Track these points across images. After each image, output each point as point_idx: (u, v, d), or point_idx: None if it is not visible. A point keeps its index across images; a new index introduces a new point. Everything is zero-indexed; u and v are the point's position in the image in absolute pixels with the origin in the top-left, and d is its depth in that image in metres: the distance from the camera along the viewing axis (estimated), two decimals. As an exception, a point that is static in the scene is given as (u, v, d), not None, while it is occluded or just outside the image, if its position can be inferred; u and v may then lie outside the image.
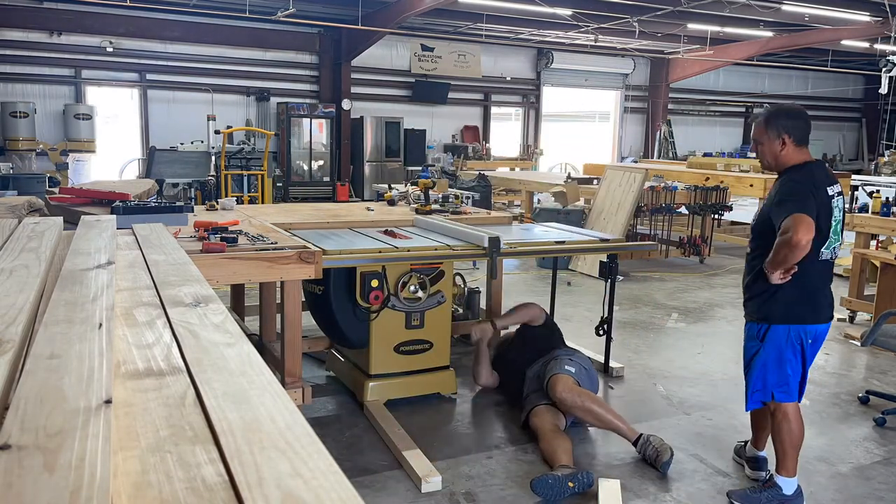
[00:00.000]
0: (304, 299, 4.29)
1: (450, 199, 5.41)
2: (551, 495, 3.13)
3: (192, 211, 4.17)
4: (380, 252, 3.85)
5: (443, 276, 4.18)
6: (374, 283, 3.90)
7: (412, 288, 4.04)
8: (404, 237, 4.27)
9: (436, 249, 4.03)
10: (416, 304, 4.09)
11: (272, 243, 3.40)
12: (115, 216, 2.86)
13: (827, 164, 3.36)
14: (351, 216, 4.93)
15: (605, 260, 4.77)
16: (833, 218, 3.07)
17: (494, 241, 4.00)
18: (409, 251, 3.93)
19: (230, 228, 3.61)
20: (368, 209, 5.37)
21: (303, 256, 3.31)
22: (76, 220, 2.66)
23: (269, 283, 4.51)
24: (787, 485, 3.18)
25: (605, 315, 4.80)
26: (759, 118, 3.18)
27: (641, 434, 3.59)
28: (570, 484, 3.16)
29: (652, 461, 3.49)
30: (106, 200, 3.92)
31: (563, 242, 4.57)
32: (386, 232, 4.38)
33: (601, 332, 4.84)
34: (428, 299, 4.13)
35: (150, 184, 5.57)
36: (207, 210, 4.76)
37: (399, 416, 3.95)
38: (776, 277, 3.02)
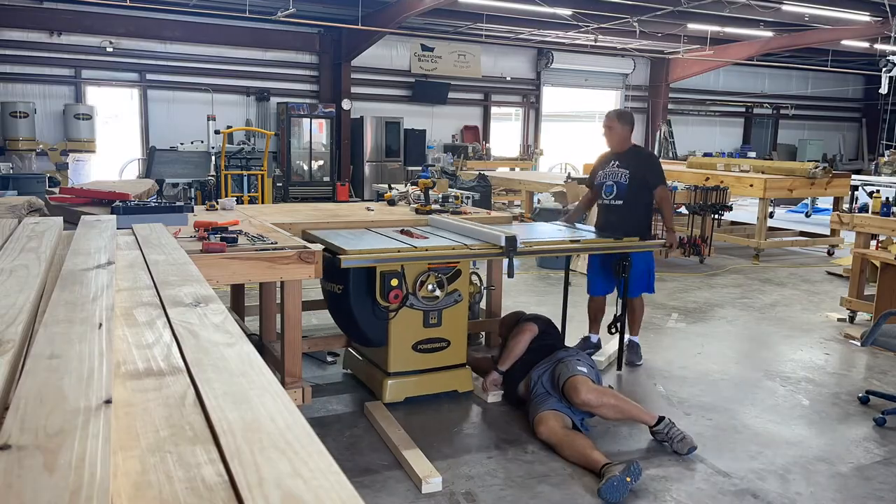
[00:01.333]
0: (318, 299, 4.31)
1: (450, 199, 5.41)
2: (619, 496, 3.15)
3: (192, 211, 4.16)
4: (399, 252, 3.87)
5: (459, 275, 4.21)
6: (394, 282, 3.92)
7: (430, 287, 4.07)
8: (421, 237, 4.28)
9: (453, 249, 4.05)
10: (434, 303, 4.12)
11: (272, 243, 3.40)
12: (115, 216, 2.86)
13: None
14: (351, 216, 4.92)
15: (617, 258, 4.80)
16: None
17: (511, 241, 4.02)
18: (427, 251, 3.95)
19: (230, 228, 3.61)
20: (368, 209, 5.36)
21: (303, 256, 3.30)
22: (76, 220, 2.66)
23: (269, 283, 4.51)
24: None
25: (619, 313, 4.82)
26: (613, 113, 5.15)
27: (664, 417, 3.71)
28: (628, 479, 3.20)
29: (674, 444, 3.63)
30: (106, 200, 3.92)
31: (578, 241, 4.59)
32: (403, 231, 4.40)
33: (613, 331, 4.87)
34: (445, 298, 4.15)
35: (150, 184, 5.56)
36: (207, 210, 4.76)
37: (399, 416, 3.95)
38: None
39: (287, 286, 3.45)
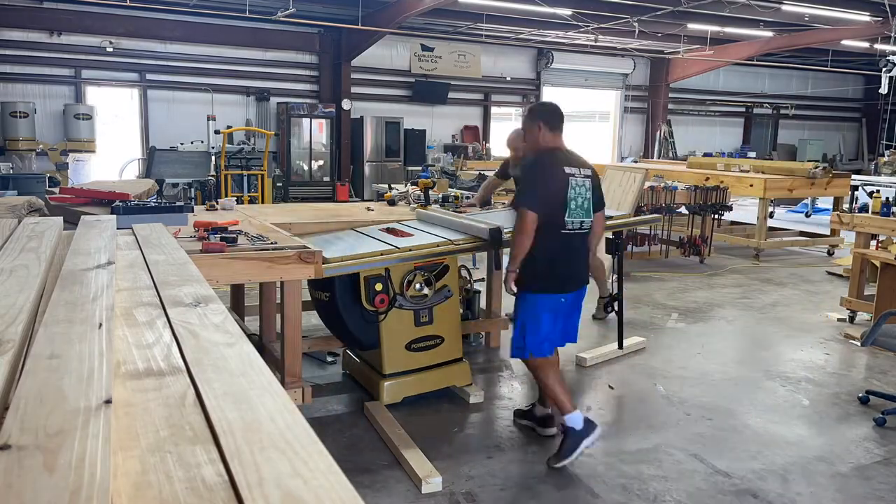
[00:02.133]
0: (310, 303, 4.30)
1: (450, 199, 5.41)
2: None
3: (192, 211, 4.16)
4: (381, 255, 3.82)
5: (447, 270, 4.19)
6: (379, 286, 3.89)
7: (417, 286, 4.05)
8: (406, 234, 4.26)
9: (437, 246, 4.02)
10: (424, 301, 4.10)
11: (272, 243, 3.39)
12: (115, 216, 2.86)
13: (575, 151, 3.71)
14: (351, 216, 4.92)
15: (610, 237, 4.80)
16: (572, 194, 3.50)
17: (495, 233, 4.00)
18: (410, 251, 3.91)
19: (230, 228, 3.60)
20: (369, 209, 5.35)
21: (303, 256, 3.29)
22: (76, 220, 2.66)
23: (270, 283, 4.50)
24: (574, 420, 3.52)
25: (615, 292, 4.81)
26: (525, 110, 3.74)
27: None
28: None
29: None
30: (106, 200, 3.92)
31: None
32: (388, 230, 4.37)
33: (610, 309, 4.87)
34: (434, 295, 4.13)
35: (150, 184, 5.56)
36: (207, 210, 4.76)
37: (399, 416, 3.95)
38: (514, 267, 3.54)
39: (287, 286, 3.45)
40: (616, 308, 4.86)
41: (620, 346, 4.84)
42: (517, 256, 3.47)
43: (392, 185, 7.78)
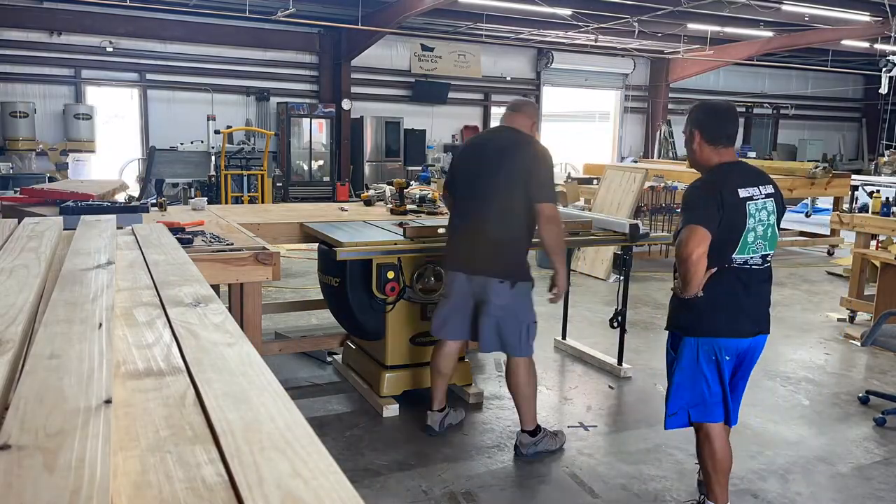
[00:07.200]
0: (318, 299, 4.27)
1: (426, 199, 5.31)
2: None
3: (148, 211, 4.06)
4: (395, 244, 3.88)
5: None
6: (391, 274, 3.92)
7: (427, 280, 4.06)
8: None
9: None
10: (432, 296, 4.10)
11: (228, 244, 3.28)
12: (112, 217, 2.85)
13: (752, 165, 3.03)
14: (325, 217, 4.83)
15: (619, 252, 4.78)
16: (750, 221, 2.76)
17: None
18: (424, 243, 3.95)
19: (189, 229, 3.48)
20: (342, 209, 5.21)
21: (260, 258, 3.18)
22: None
23: (236, 286, 4.37)
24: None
25: (620, 307, 4.79)
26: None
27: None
28: None
29: None
30: (59, 200, 3.90)
31: (577, 235, 4.58)
32: (401, 225, 4.39)
33: (615, 325, 4.84)
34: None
35: (118, 183, 5.50)
36: (160, 210, 4.56)
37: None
38: (688, 295, 2.81)
39: (246, 288, 3.29)
40: (620, 322, 4.80)
41: (620, 363, 4.79)
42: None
43: (370, 186, 7.65)
